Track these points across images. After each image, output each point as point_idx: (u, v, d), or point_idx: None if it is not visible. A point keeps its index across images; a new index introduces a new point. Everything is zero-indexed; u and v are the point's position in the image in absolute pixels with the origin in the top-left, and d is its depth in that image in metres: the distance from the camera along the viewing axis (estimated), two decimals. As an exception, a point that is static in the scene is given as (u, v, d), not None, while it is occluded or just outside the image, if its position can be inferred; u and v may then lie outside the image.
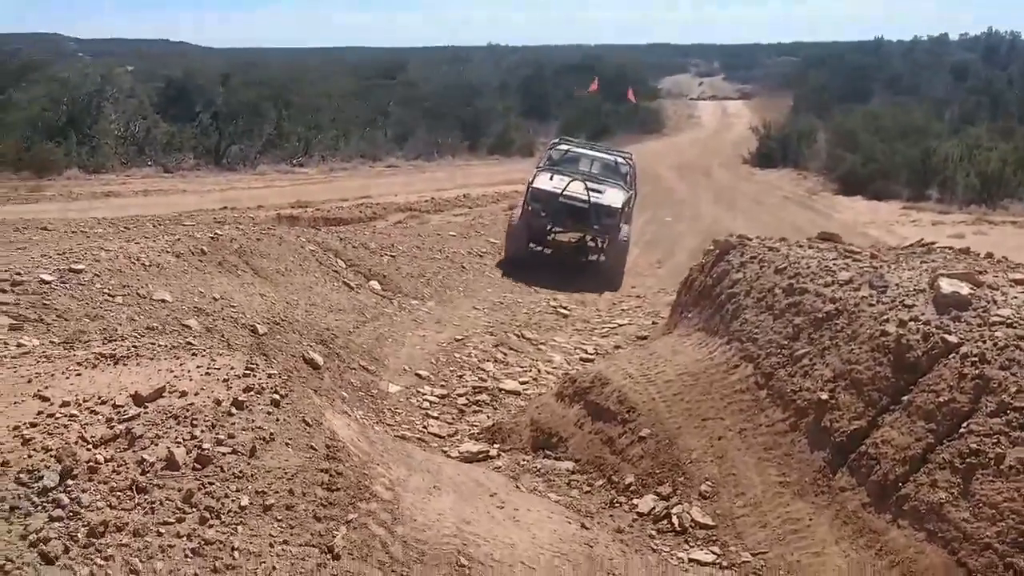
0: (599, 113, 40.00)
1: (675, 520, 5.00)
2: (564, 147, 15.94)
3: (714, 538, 4.83)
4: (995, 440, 4.14)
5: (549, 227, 14.15)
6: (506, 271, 13.44)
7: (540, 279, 12.87)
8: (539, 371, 8.40)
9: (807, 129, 32.40)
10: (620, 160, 15.43)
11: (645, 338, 9.27)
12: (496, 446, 6.28)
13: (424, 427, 6.65)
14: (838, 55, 60.78)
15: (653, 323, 10.32)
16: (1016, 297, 5.10)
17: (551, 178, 14.02)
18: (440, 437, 6.52)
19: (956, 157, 22.40)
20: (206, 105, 28.20)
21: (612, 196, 13.82)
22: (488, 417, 7.07)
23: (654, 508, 5.17)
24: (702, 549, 4.75)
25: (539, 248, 14.63)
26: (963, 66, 46.22)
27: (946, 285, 5.16)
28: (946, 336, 4.79)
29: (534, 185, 13.91)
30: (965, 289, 5.11)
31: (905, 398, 4.77)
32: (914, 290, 5.41)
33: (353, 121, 30.24)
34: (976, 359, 4.54)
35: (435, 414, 6.95)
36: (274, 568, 3.03)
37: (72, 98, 25.23)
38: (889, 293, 5.47)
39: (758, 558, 4.60)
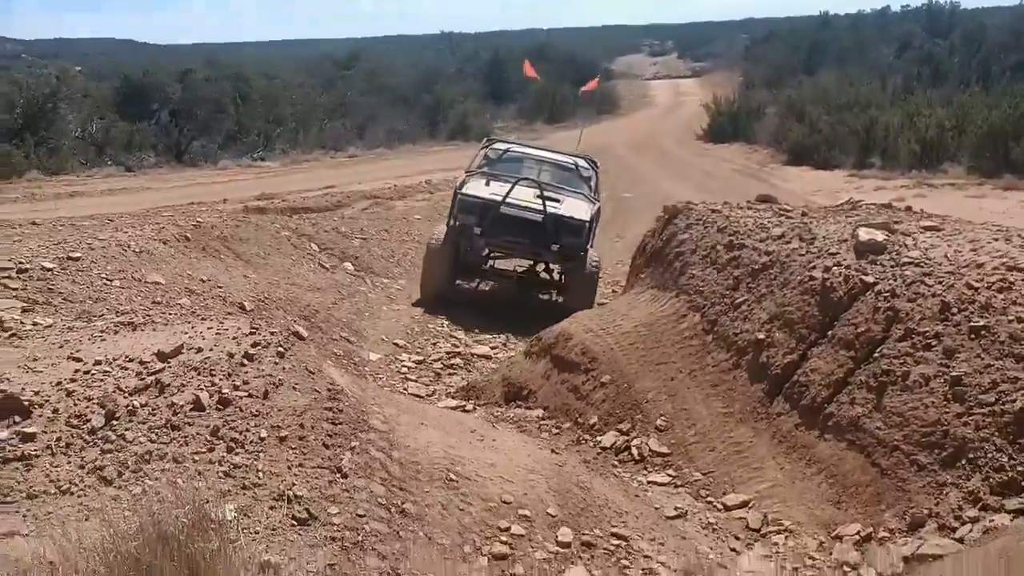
0: (554, 97, 40.58)
1: (635, 451, 5.65)
2: (502, 146, 11.85)
3: (669, 463, 5.48)
4: (902, 361, 4.83)
5: (485, 252, 10.26)
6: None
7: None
8: (508, 337, 9.02)
9: (756, 104, 33.29)
10: (581, 163, 11.49)
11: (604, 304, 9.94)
12: (472, 402, 6.88)
13: (404, 389, 7.23)
14: (787, 30, 61.92)
15: (613, 292, 10.98)
16: (925, 242, 5.79)
17: (487, 183, 10.26)
18: (420, 397, 7.10)
19: (897, 125, 23.34)
20: (163, 103, 28.36)
21: (574, 207, 10.10)
22: (462, 379, 7.68)
23: (616, 442, 5.81)
24: (659, 473, 5.40)
25: (469, 284, 11.13)
26: (907, 37, 47.36)
27: (864, 233, 5.84)
28: (863, 277, 5.47)
29: (463, 192, 10.03)
30: (880, 236, 5.80)
31: (830, 333, 5.45)
32: (838, 240, 6.08)
33: (313, 113, 30.53)
34: (888, 294, 5.23)
35: (414, 377, 7.54)
36: (294, 484, 3.59)
37: (27, 100, 25.32)
38: (816, 244, 6.15)
39: (707, 476, 5.26)
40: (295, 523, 3.38)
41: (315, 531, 3.38)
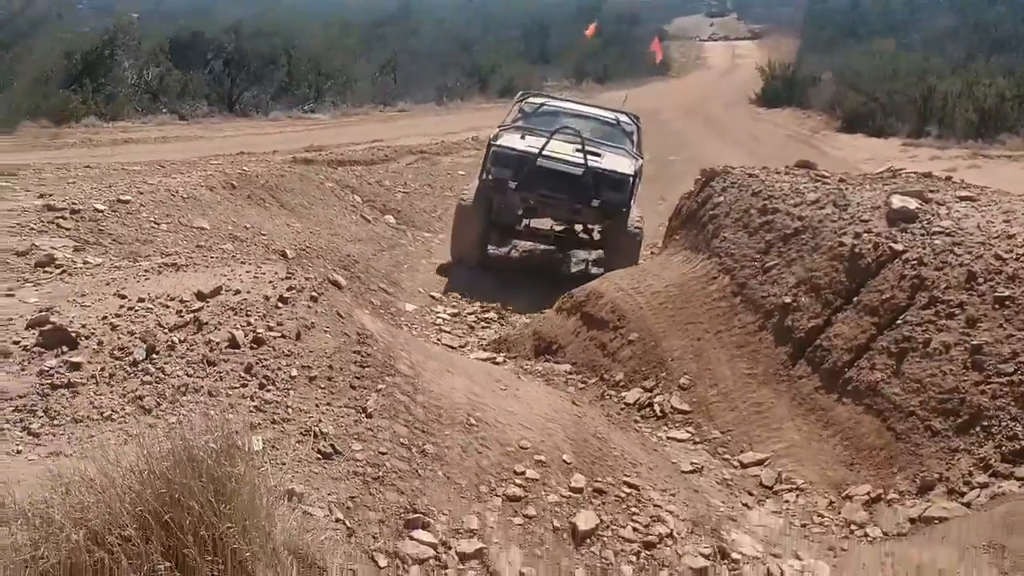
0: (602, 56, 40.16)
1: (657, 407, 5.78)
2: (538, 100, 11.35)
3: (689, 421, 5.60)
4: (924, 328, 4.88)
5: (520, 210, 9.59)
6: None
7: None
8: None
9: (812, 69, 32.65)
10: (623, 119, 10.91)
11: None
12: (502, 354, 7.04)
13: (438, 340, 7.41)
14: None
15: (651, 253, 11.01)
16: (958, 211, 5.79)
17: (522, 137, 9.69)
18: (452, 348, 7.28)
19: (955, 94, 22.79)
20: (217, 52, 28.68)
21: (616, 162, 9.54)
22: (495, 332, 7.84)
23: (639, 399, 5.94)
24: (679, 429, 5.52)
25: (504, 250, 10.71)
26: (967, 3, 45.92)
27: (897, 201, 5.84)
28: (892, 244, 5.50)
29: (497, 144, 9.47)
30: (913, 204, 5.80)
31: (855, 299, 5.49)
32: (871, 207, 6.09)
33: (363, 67, 30.63)
34: (915, 262, 5.26)
35: (448, 329, 7.73)
36: (320, 421, 3.78)
37: (86, 48, 25.79)
38: (849, 211, 6.16)
39: (725, 435, 5.37)
40: (320, 457, 3.58)
41: (339, 465, 3.57)
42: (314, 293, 4.65)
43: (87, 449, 3.30)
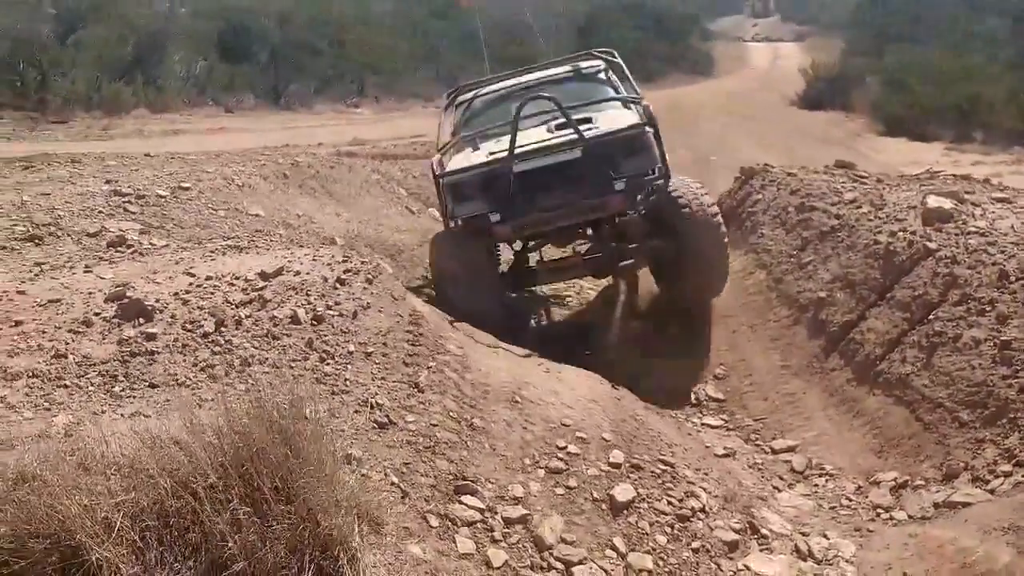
0: (647, 55, 40.12)
1: (692, 396, 5.99)
2: (468, 93, 8.13)
3: (724, 409, 5.81)
4: (955, 324, 5.04)
5: (524, 244, 7.36)
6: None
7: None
8: (580, 288, 9.35)
9: (856, 71, 32.44)
10: (583, 64, 7.98)
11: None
12: (543, 344, 7.26)
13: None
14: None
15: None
16: (994, 212, 5.93)
17: (473, 149, 6.95)
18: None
19: (1003, 99, 22.59)
20: (263, 44, 29.19)
21: (615, 118, 6.72)
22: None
23: (675, 387, 6.15)
24: (713, 417, 5.73)
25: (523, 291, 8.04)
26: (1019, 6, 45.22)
27: (932, 201, 6.00)
28: (927, 243, 5.65)
29: (447, 173, 6.64)
30: (948, 204, 5.95)
31: (888, 295, 5.66)
32: (907, 207, 6.25)
33: (407, 60, 30.92)
34: (949, 260, 5.42)
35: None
36: (376, 393, 4.04)
37: (138, 38, 26.40)
38: (885, 210, 6.33)
39: (758, 423, 5.57)
40: (376, 426, 3.83)
41: (393, 434, 3.83)
42: (369, 276, 4.92)
43: (164, 411, 3.59)
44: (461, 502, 3.62)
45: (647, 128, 6.38)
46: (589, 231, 6.97)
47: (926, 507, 4.24)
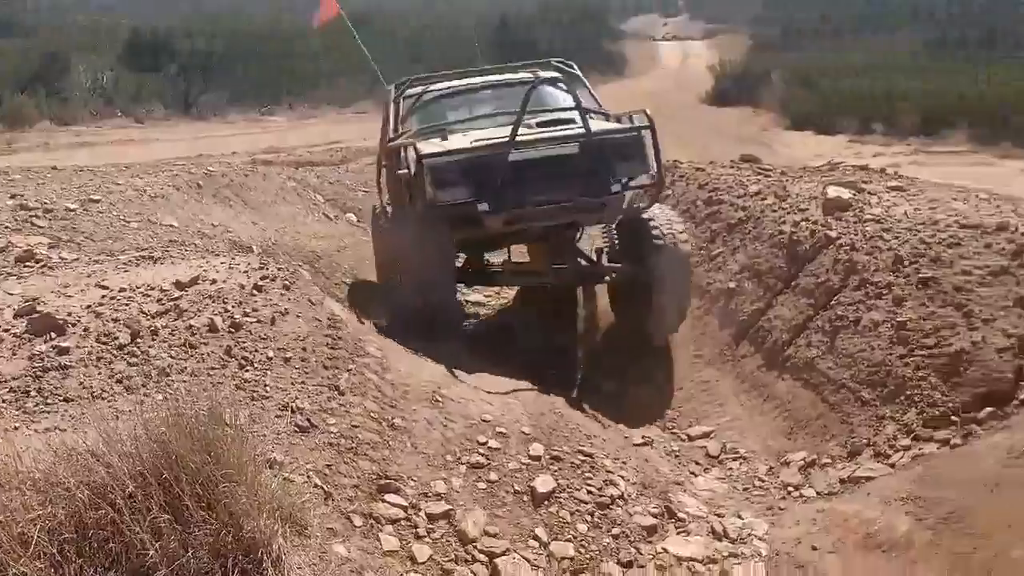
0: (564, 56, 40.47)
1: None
2: (418, 88, 7.69)
3: (641, 400, 5.96)
4: (855, 307, 5.29)
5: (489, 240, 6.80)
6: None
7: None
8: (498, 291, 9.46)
9: (762, 67, 33.33)
10: (545, 74, 7.23)
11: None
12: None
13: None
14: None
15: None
16: (888, 200, 6.23)
17: (443, 139, 6.31)
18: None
19: (900, 91, 23.55)
20: (172, 56, 28.63)
21: (602, 123, 6.55)
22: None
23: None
24: (631, 408, 5.88)
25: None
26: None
27: (832, 191, 6.27)
28: (828, 231, 5.91)
29: (429, 155, 5.92)
30: (847, 194, 6.23)
31: (794, 283, 5.90)
32: (809, 197, 6.51)
33: (320, 69, 30.66)
34: (848, 247, 5.68)
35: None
36: (296, 398, 4.06)
37: (41, 51, 25.66)
38: (788, 201, 6.59)
39: (674, 411, 5.74)
40: (297, 430, 3.86)
41: (315, 437, 3.86)
42: (287, 282, 4.93)
43: (80, 426, 3.55)
44: (384, 501, 3.67)
45: (642, 135, 6.15)
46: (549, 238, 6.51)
47: (832, 483, 4.45)
